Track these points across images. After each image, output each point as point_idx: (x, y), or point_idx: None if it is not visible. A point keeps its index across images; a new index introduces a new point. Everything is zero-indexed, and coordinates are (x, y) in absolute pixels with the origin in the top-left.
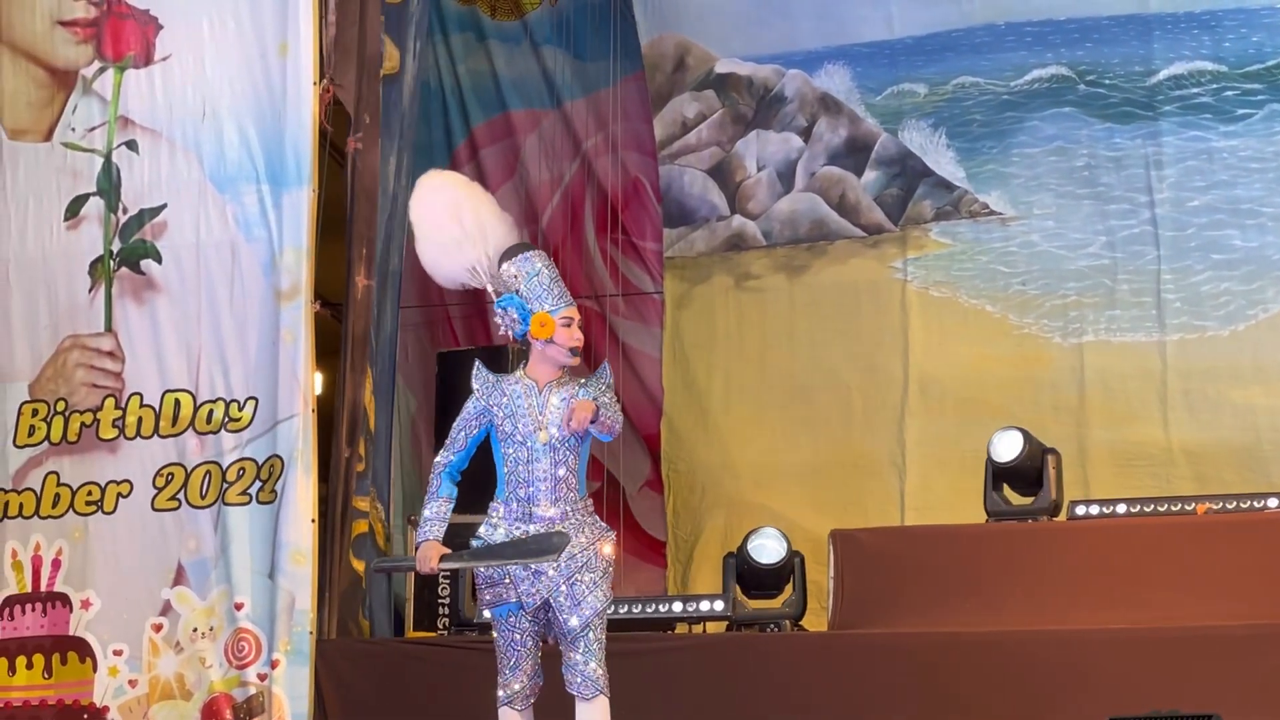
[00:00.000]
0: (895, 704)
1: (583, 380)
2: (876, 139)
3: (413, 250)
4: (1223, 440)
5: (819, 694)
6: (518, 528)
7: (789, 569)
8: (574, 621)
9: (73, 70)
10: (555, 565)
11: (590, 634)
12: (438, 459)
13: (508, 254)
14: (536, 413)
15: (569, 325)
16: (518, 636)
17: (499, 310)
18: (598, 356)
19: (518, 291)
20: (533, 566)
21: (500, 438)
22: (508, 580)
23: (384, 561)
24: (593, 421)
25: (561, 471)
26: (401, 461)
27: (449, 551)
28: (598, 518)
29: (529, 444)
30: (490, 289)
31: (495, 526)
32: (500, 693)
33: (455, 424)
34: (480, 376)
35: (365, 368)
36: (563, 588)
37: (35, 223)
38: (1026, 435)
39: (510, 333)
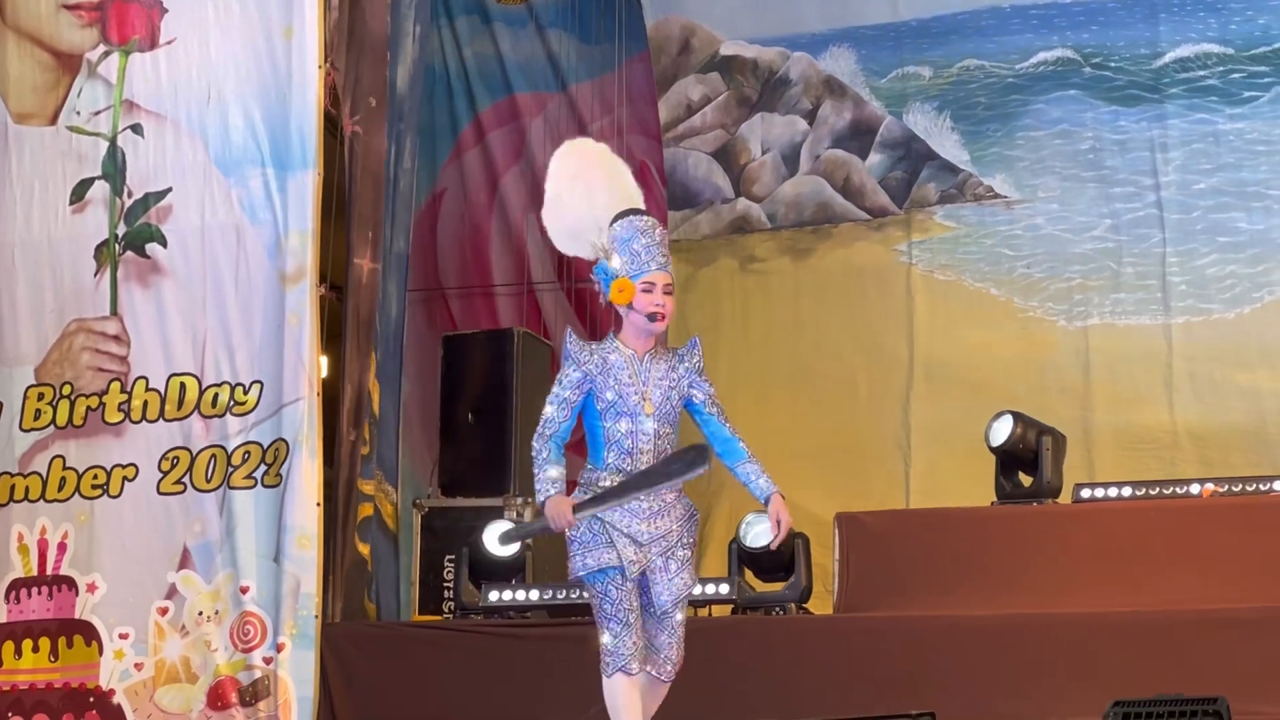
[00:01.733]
0: (899, 687)
1: (676, 350)
2: (881, 122)
3: (418, 232)
4: (1228, 423)
5: (823, 677)
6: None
7: (788, 552)
8: (666, 597)
9: (77, 54)
10: (655, 537)
11: (678, 614)
12: (539, 431)
13: (614, 219)
14: (640, 383)
15: (649, 291)
16: (625, 596)
17: (594, 279)
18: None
19: (610, 257)
20: (636, 538)
21: (600, 407)
22: (609, 545)
23: (514, 530)
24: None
25: (664, 445)
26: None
27: (578, 501)
28: (686, 495)
29: (633, 415)
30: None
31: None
32: (608, 661)
33: (552, 395)
34: (575, 344)
35: (369, 351)
36: (658, 562)
37: (40, 207)
38: (1018, 418)
39: (602, 300)
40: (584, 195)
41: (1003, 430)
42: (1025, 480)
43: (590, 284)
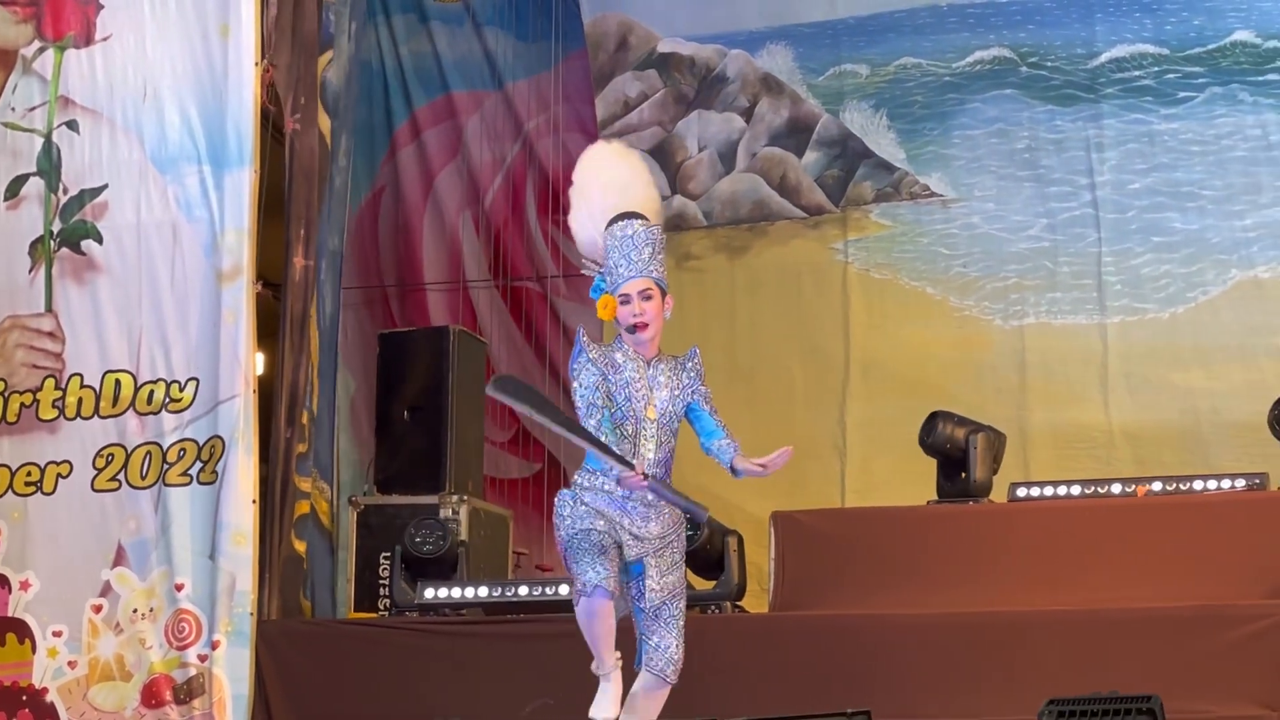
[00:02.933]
0: (835, 685)
1: (678, 358)
2: (818, 120)
3: (359, 229)
4: (1163, 422)
5: (759, 675)
6: (618, 500)
7: (718, 550)
8: (657, 594)
9: (12, 50)
10: (650, 536)
11: (675, 606)
12: (586, 422)
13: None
14: (646, 388)
15: (626, 302)
16: (606, 538)
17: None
18: (539, 337)
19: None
20: (637, 531)
21: (609, 410)
22: (609, 528)
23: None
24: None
25: (663, 452)
26: (338, 442)
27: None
28: None
29: (637, 420)
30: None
31: (598, 493)
32: (583, 584)
33: (582, 396)
34: (588, 344)
35: (305, 348)
36: (652, 559)
37: None
38: (947, 417)
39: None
40: (584, 209)
41: (930, 431)
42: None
43: (525, 283)
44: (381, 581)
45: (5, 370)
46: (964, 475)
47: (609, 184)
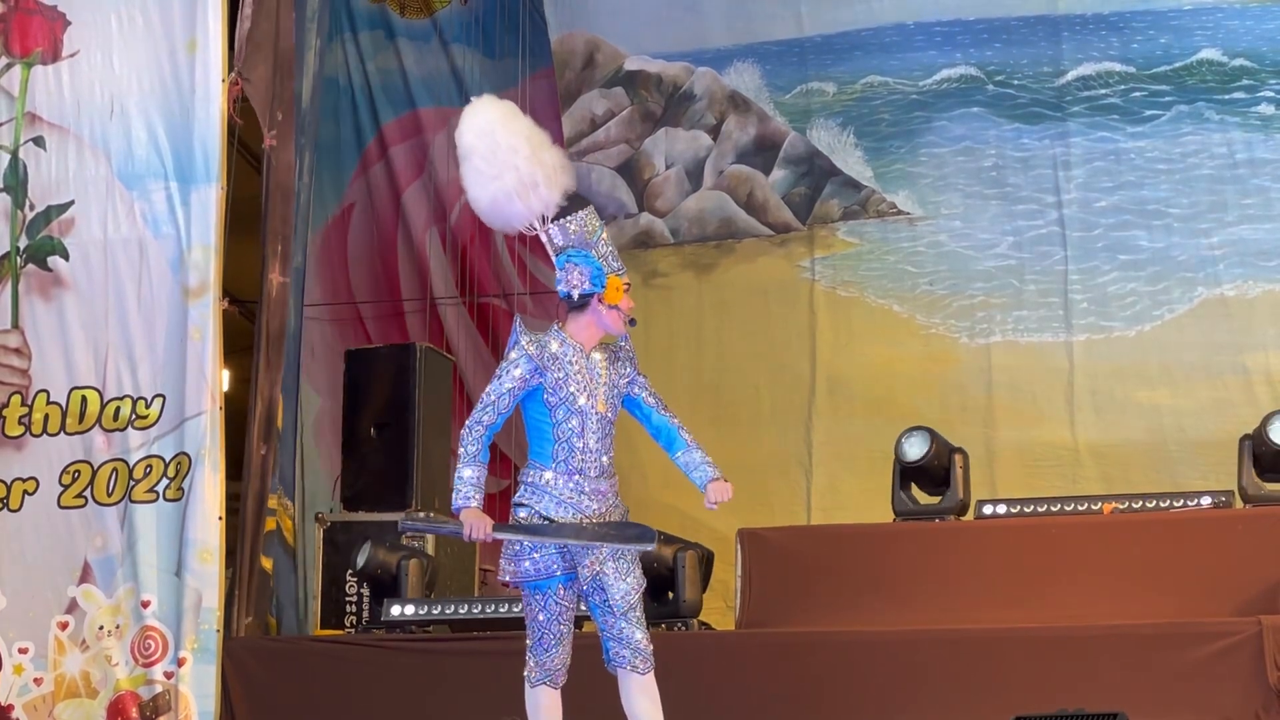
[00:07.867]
0: (802, 703)
1: (613, 346)
2: (785, 137)
3: (319, 246)
4: (1129, 440)
5: (725, 692)
6: (570, 499)
7: (666, 566)
8: (621, 597)
9: None
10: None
11: (639, 606)
12: (476, 418)
13: (574, 205)
14: (589, 379)
15: (628, 291)
16: (564, 610)
17: (569, 264)
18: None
19: (590, 249)
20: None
21: (551, 404)
22: (558, 551)
23: (413, 523)
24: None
25: (608, 442)
26: (305, 460)
27: (493, 521)
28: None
29: (583, 413)
30: (549, 241)
31: (548, 496)
32: (535, 672)
33: (496, 384)
34: (526, 335)
35: (279, 364)
36: (609, 562)
37: None
38: (933, 434)
39: (573, 292)
40: (534, 153)
41: (919, 446)
42: (921, 496)
43: (492, 299)
44: (348, 599)
45: None
46: (914, 489)
47: (565, 158)
